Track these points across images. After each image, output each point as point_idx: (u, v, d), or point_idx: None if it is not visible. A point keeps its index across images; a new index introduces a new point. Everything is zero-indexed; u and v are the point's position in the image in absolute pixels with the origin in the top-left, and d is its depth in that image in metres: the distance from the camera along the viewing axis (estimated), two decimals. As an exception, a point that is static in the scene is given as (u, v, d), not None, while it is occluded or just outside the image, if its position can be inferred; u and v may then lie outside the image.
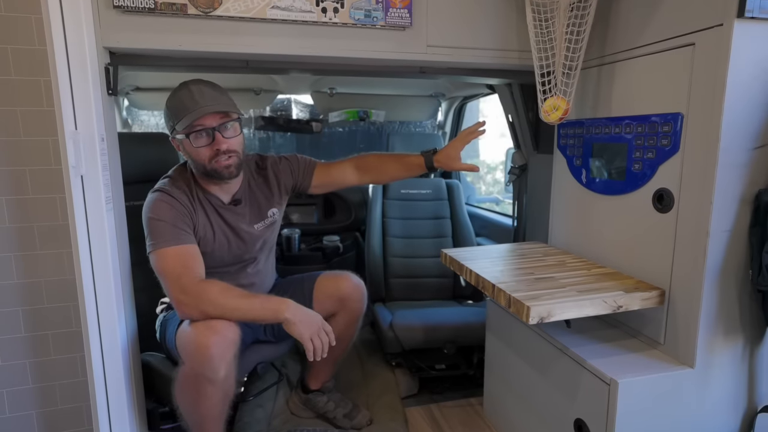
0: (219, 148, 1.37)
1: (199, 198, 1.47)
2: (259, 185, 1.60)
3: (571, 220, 1.55)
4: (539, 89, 1.37)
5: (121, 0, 1.20)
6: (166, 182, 1.46)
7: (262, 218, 1.59)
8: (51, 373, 1.80)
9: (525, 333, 1.44)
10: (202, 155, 1.39)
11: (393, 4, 1.37)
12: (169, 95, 1.41)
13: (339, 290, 1.63)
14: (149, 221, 1.38)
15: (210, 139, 1.38)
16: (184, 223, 1.40)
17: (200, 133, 1.37)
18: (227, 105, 1.39)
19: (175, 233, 1.37)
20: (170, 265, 1.35)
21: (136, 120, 2.80)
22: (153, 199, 1.41)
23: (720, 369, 1.16)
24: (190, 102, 1.35)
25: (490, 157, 3.57)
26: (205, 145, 1.38)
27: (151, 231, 1.37)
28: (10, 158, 1.65)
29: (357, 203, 2.89)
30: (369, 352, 2.25)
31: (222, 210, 1.50)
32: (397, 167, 1.69)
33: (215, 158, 1.38)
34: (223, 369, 1.29)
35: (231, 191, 1.53)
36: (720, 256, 1.09)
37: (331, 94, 2.72)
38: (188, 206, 1.43)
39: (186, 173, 1.50)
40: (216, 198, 1.50)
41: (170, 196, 1.41)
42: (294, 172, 1.64)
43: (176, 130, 1.38)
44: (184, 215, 1.41)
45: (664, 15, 1.17)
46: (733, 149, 1.04)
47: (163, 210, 1.38)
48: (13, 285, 1.71)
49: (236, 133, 1.42)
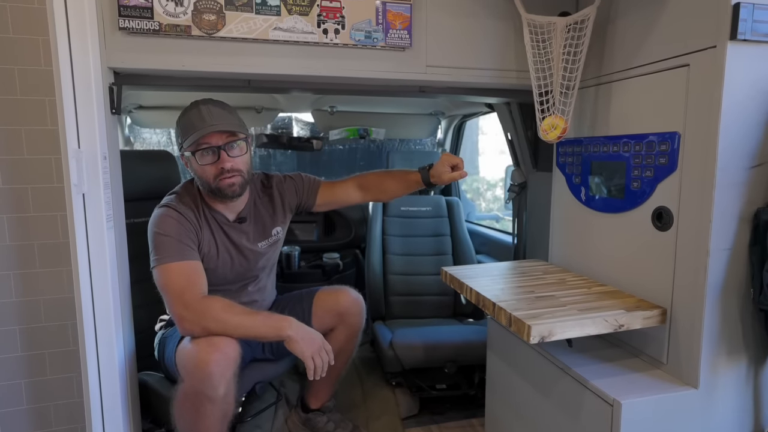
0: (224, 166, 1.39)
1: (205, 215, 1.48)
2: (264, 204, 1.61)
3: (570, 238, 1.55)
4: (537, 108, 1.39)
5: (127, 22, 1.23)
6: (173, 198, 1.47)
7: (267, 236, 1.60)
8: (46, 394, 1.78)
9: (526, 352, 1.43)
10: (207, 173, 1.40)
11: (393, 25, 1.40)
12: (180, 113, 1.44)
13: (338, 305, 1.63)
14: (155, 236, 1.38)
15: (215, 157, 1.39)
16: (189, 239, 1.41)
17: (206, 151, 1.39)
18: (234, 125, 1.41)
19: (179, 249, 1.37)
20: (173, 280, 1.35)
21: (138, 137, 2.82)
22: (159, 214, 1.42)
23: (724, 390, 1.15)
24: (199, 120, 1.38)
25: (490, 174, 3.58)
26: (211, 163, 1.40)
27: (155, 246, 1.38)
28: (13, 176, 1.66)
29: (357, 220, 2.90)
30: (369, 371, 2.23)
31: (227, 227, 1.51)
32: (397, 184, 1.70)
33: (220, 176, 1.40)
34: (222, 387, 1.28)
35: (236, 209, 1.54)
36: (721, 274, 1.09)
37: (332, 113, 2.75)
38: (194, 222, 1.44)
39: (193, 189, 1.51)
40: (221, 215, 1.51)
41: (176, 211, 1.42)
42: (299, 191, 1.65)
43: (184, 147, 1.40)
44: (190, 231, 1.42)
45: (659, 37, 1.19)
46: (731, 168, 1.05)
47: (169, 225, 1.39)
48: (11, 303, 1.70)
49: (242, 152, 1.44)
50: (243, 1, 1.28)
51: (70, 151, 1.19)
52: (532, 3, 1.41)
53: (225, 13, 1.28)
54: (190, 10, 1.26)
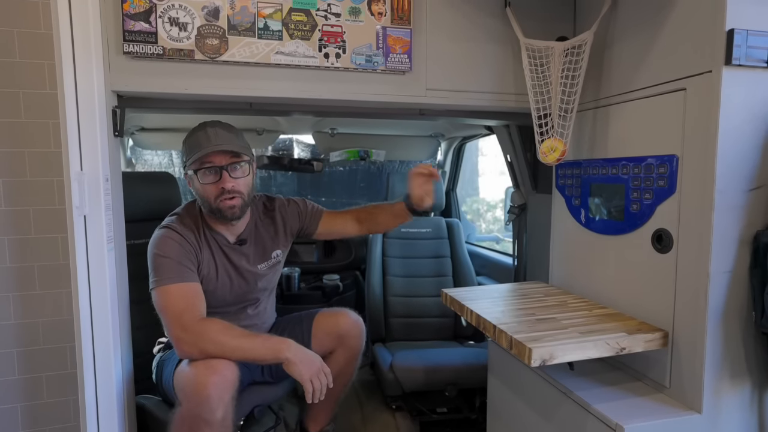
0: (224, 186, 1.40)
1: (205, 236, 1.49)
2: (266, 226, 1.61)
3: (571, 260, 1.55)
4: (536, 131, 1.40)
5: (131, 46, 1.25)
6: (174, 219, 1.48)
7: (266, 259, 1.60)
8: (43, 418, 1.76)
9: (528, 375, 1.41)
10: (208, 192, 1.42)
11: (393, 49, 1.42)
12: (188, 133, 1.47)
13: (338, 327, 1.61)
14: (154, 257, 1.38)
15: (217, 177, 1.41)
16: (188, 260, 1.41)
17: (209, 170, 1.40)
18: (239, 146, 1.43)
19: (179, 271, 1.37)
20: (172, 302, 1.34)
21: (140, 159, 2.84)
22: (160, 235, 1.42)
23: (728, 415, 1.13)
24: (204, 140, 1.40)
25: (490, 195, 3.59)
26: (212, 183, 1.41)
27: (155, 267, 1.38)
28: (15, 198, 1.67)
29: (357, 242, 2.90)
30: (368, 395, 2.20)
31: (227, 249, 1.51)
32: (388, 217, 1.71)
33: (220, 197, 1.41)
34: (220, 410, 1.26)
35: (237, 231, 1.54)
36: (722, 297, 1.08)
37: (332, 134, 2.77)
38: (194, 244, 1.44)
39: (195, 210, 1.52)
40: (222, 237, 1.51)
41: (177, 233, 1.42)
42: (301, 215, 1.67)
43: (187, 165, 1.42)
44: (189, 253, 1.42)
45: (655, 61, 1.21)
46: (730, 191, 1.06)
47: (169, 247, 1.39)
48: (10, 326, 1.69)
49: (244, 174, 1.45)
50: (245, 26, 1.31)
51: (72, 173, 1.20)
52: (530, 28, 1.44)
53: (228, 37, 1.30)
54: (194, 35, 1.28)
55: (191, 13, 1.27)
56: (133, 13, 1.24)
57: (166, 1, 1.26)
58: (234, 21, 1.30)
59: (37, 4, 1.65)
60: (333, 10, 1.37)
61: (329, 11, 1.36)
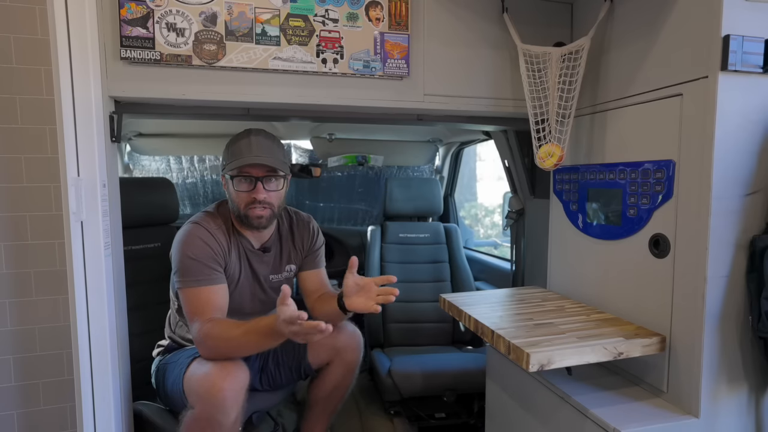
0: (257, 197, 1.43)
1: (235, 237, 1.52)
2: (287, 240, 1.64)
3: (568, 265, 1.55)
4: (534, 136, 1.41)
5: (129, 52, 1.25)
6: (205, 216, 1.50)
7: (280, 271, 1.62)
8: (39, 425, 1.74)
9: (526, 380, 1.41)
10: (240, 199, 1.45)
11: (391, 55, 1.42)
12: (231, 138, 1.50)
13: (334, 339, 1.59)
14: (181, 257, 1.40)
15: (251, 186, 1.44)
16: (215, 261, 1.43)
17: (245, 179, 1.44)
18: (277, 162, 1.45)
19: (206, 273, 1.40)
20: (194, 304, 1.38)
21: (138, 165, 2.84)
22: (188, 231, 1.44)
23: (726, 419, 1.13)
24: (246, 149, 1.43)
25: (488, 200, 3.59)
26: (245, 191, 1.44)
27: (180, 268, 1.40)
28: (12, 204, 1.66)
29: (355, 247, 2.89)
30: (367, 400, 2.19)
31: (250, 254, 1.54)
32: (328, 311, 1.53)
33: (251, 205, 1.44)
34: (235, 412, 1.28)
35: (262, 239, 1.57)
36: (719, 301, 1.08)
37: (331, 140, 2.77)
38: (224, 245, 1.47)
39: (226, 212, 1.54)
40: (247, 242, 1.54)
41: (207, 231, 1.45)
42: (308, 250, 1.67)
43: (226, 169, 1.45)
44: (218, 254, 1.44)
45: (652, 67, 1.21)
46: (726, 196, 1.06)
47: (198, 248, 1.41)
48: (6, 332, 1.68)
49: (278, 188, 1.48)
50: (243, 32, 1.31)
51: (69, 179, 1.20)
52: (528, 33, 1.44)
53: (225, 43, 1.30)
54: (191, 41, 1.28)
55: (189, 18, 1.28)
56: (130, 19, 1.24)
57: (163, 6, 1.26)
58: (231, 26, 1.30)
59: (34, 9, 1.65)
60: (331, 16, 1.37)
61: (327, 17, 1.37)
